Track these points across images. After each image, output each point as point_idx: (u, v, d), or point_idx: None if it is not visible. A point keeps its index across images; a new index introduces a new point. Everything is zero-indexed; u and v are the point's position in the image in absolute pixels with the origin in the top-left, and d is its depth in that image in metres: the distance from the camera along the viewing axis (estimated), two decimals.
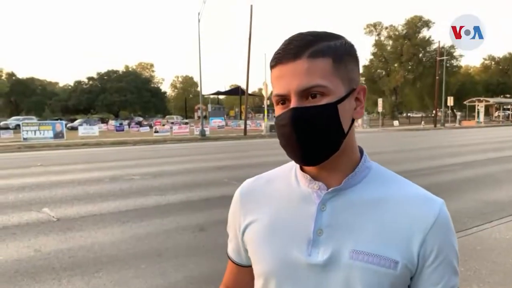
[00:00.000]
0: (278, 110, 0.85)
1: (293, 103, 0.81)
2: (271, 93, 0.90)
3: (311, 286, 0.86)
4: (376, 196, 0.87)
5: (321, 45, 0.81)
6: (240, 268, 1.04)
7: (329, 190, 0.86)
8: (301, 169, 0.93)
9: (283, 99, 0.84)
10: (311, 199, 0.88)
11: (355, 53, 0.87)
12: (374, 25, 63.05)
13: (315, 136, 0.81)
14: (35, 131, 25.18)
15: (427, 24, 59.90)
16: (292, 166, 0.97)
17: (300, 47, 0.81)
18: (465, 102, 53.41)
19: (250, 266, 0.99)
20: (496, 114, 59.50)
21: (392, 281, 0.82)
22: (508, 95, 69.54)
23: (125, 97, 68.80)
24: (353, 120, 0.87)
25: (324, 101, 0.80)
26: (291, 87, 0.81)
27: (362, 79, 64.27)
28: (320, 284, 0.85)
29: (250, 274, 0.99)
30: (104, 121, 55.27)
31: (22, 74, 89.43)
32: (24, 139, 24.44)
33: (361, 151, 0.93)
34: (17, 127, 34.35)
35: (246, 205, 0.98)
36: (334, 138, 0.83)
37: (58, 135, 25.74)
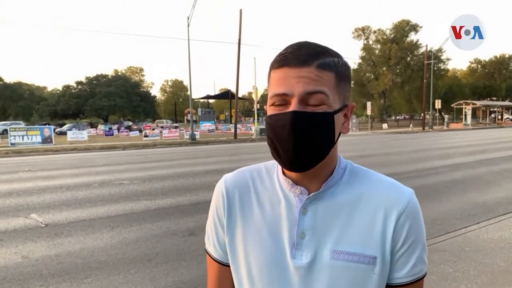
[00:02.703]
0: (273, 110, 0.85)
1: (293, 106, 0.81)
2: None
3: (297, 287, 0.89)
4: (352, 196, 0.91)
5: (328, 59, 0.84)
6: (223, 268, 1.01)
7: (310, 195, 0.90)
8: (283, 172, 0.94)
9: (282, 100, 0.83)
10: (293, 204, 0.91)
11: (350, 74, 0.92)
12: (363, 29, 63.66)
13: (309, 144, 0.82)
14: (23, 136, 24.89)
15: (414, 28, 60.57)
16: (273, 166, 0.99)
17: (310, 55, 0.83)
18: (452, 105, 53.99)
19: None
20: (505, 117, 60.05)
21: (372, 276, 0.87)
22: (494, 98, 70.47)
23: (114, 101, 68.33)
24: (339, 134, 0.89)
25: (321, 110, 0.82)
26: (296, 89, 0.81)
27: (351, 82, 64.61)
28: (305, 285, 0.88)
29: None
30: (93, 125, 54.83)
31: (9, 78, 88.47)
32: (11, 144, 24.13)
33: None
34: (4, 132, 33.96)
35: (230, 201, 0.98)
36: (325, 148, 0.85)
37: (46, 140, 25.47)
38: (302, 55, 0.82)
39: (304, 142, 0.82)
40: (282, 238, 0.90)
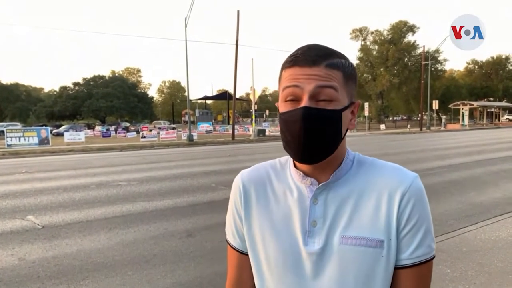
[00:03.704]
0: (286, 106, 0.91)
1: (304, 102, 0.87)
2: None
3: (310, 272, 0.95)
4: (359, 185, 0.96)
5: (336, 59, 0.91)
6: (241, 256, 1.08)
7: (319, 185, 0.96)
8: (295, 166, 1.01)
9: (294, 94, 0.89)
10: (304, 194, 0.98)
11: (356, 75, 0.97)
12: (360, 30, 63.76)
13: (319, 138, 0.88)
14: (19, 137, 24.81)
15: (412, 29, 60.72)
16: (286, 160, 1.07)
17: (319, 56, 0.89)
18: (450, 106, 54.19)
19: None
20: (505, 117, 60.19)
21: (380, 259, 0.91)
22: (491, 99, 70.70)
23: (111, 102, 68.21)
24: (346, 129, 0.96)
25: (331, 106, 0.88)
26: (307, 85, 0.87)
27: None
28: (318, 269, 0.94)
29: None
30: (90, 127, 54.76)
31: (5, 79, 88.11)
32: (8, 145, 24.05)
33: None
34: (1, 134, 33.82)
35: (247, 195, 1.05)
36: (333, 142, 0.91)
37: (43, 141, 25.40)
38: (312, 56, 0.89)
39: (313, 136, 0.88)
40: (295, 227, 0.97)
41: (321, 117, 0.87)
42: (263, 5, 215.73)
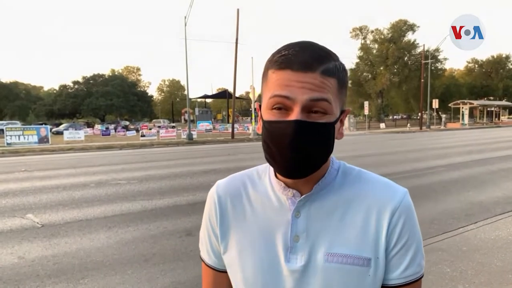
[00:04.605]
0: (273, 115, 0.82)
1: (296, 115, 0.78)
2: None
3: None
4: (345, 197, 0.90)
5: (331, 64, 0.81)
6: (217, 274, 1.01)
7: (302, 197, 0.89)
8: (275, 175, 0.93)
9: (282, 104, 0.80)
10: (286, 207, 0.90)
11: (348, 77, 0.89)
12: (360, 29, 63.69)
13: (309, 154, 0.81)
14: (19, 136, 24.80)
15: (412, 28, 60.65)
16: (265, 170, 0.98)
17: (315, 60, 0.80)
18: (450, 105, 54.13)
19: (225, 271, 1.00)
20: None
21: (367, 277, 0.86)
22: (491, 98, 70.69)
23: (111, 101, 68.20)
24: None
25: (324, 119, 0.81)
26: (299, 95, 0.78)
27: (349, 82, 64.80)
28: None
29: (228, 280, 0.99)
30: (90, 125, 54.76)
31: (5, 78, 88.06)
32: (7, 144, 24.05)
33: None
34: (0, 132, 33.80)
35: (223, 210, 0.97)
36: (324, 156, 0.85)
37: (42, 139, 25.39)
38: (306, 59, 0.79)
39: (303, 151, 0.80)
40: (276, 242, 0.90)
41: (313, 131, 0.79)
42: (263, 3, 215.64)
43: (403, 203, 0.88)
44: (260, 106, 0.88)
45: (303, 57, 0.79)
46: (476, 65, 76.04)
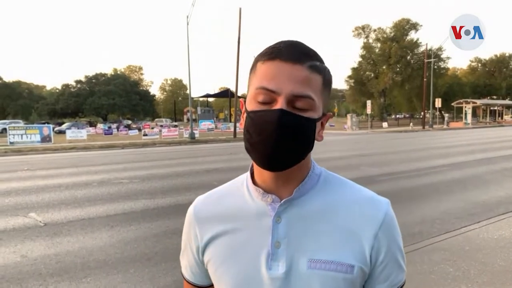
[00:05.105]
0: (257, 105, 0.83)
1: (280, 105, 0.79)
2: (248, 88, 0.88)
3: None
4: (327, 203, 0.89)
5: (318, 62, 0.84)
6: None
7: (282, 201, 0.87)
8: (253, 182, 0.93)
9: (269, 96, 0.81)
10: (266, 213, 0.89)
11: (332, 80, 0.90)
12: (363, 28, 63.58)
13: (291, 144, 0.81)
14: (21, 135, 24.85)
15: (414, 26, 60.54)
16: (243, 180, 0.97)
17: (303, 54, 0.82)
18: (452, 104, 53.96)
19: (208, 287, 1.01)
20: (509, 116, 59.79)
21: (350, 285, 0.85)
22: (494, 97, 70.48)
23: (113, 100, 68.24)
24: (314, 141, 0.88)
25: (307, 114, 0.82)
26: (284, 88, 0.80)
27: (351, 81, 64.82)
28: None
29: None
30: (92, 124, 54.76)
31: (8, 77, 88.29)
32: (10, 143, 24.09)
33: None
34: (3, 131, 33.93)
35: (202, 224, 0.97)
36: (304, 151, 0.85)
37: (45, 139, 25.43)
38: (296, 52, 0.82)
39: (285, 142, 0.80)
40: (257, 250, 0.88)
41: (296, 123, 0.80)
42: (266, 2, 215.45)
43: (386, 218, 0.88)
44: (245, 101, 0.88)
45: (293, 50, 0.82)
46: (479, 64, 75.86)
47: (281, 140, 0.80)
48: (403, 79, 58.81)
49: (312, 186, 0.90)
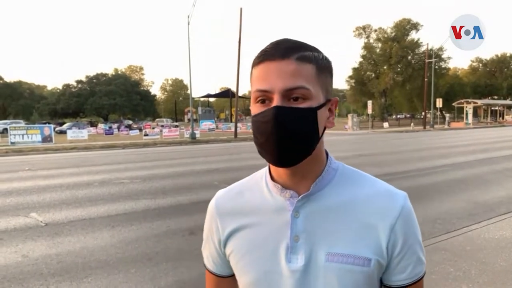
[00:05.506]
0: (258, 108, 0.86)
1: (276, 102, 0.82)
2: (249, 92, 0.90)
3: None
4: (344, 198, 0.91)
5: (307, 52, 0.85)
6: (219, 280, 1.06)
7: (300, 197, 0.90)
8: (272, 178, 0.95)
9: (264, 96, 0.84)
10: (285, 208, 0.92)
11: (332, 68, 0.92)
12: (363, 28, 63.59)
13: (293, 137, 0.83)
14: (23, 135, 24.88)
15: (415, 26, 60.50)
16: (262, 175, 1.00)
17: (289, 48, 0.84)
18: (453, 104, 53.93)
19: (229, 277, 1.04)
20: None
21: (367, 277, 0.88)
22: (495, 97, 70.40)
23: (114, 100, 68.26)
24: (324, 128, 0.90)
25: (305, 104, 0.83)
26: (276, 85, 0.82)
27: (352, 81, 64.81)
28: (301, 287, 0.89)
29: (230, 285, 1.05)
30: (93, 124, 54.81)
31: (9, 77, 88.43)
32: (11, 143, 24.13)
33: (326, 153, 0.96)
34: (4, 131, 33.93)
35: (223, 217, 1.00)
36: (310, 142, 0.86)
37: (46, 139, 25.46)
38: (282, 49, 0.84)
39: (287, 136, 0.82)
40: (276, 244, 0.91)
41: (294, 116, 0.82)
42: (267, 2, 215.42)
43: (403, 210, 0.89)
44: None
45: (279, 48, 0.84)
46: (480, 64, 75.77)
47: (282, 136, 0.82)
48: (404, 79, 58.78)
49: (329, 181, 0.92)
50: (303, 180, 0.91)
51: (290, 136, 0.82)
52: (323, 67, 0.87)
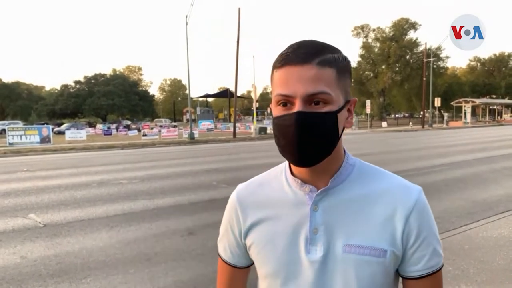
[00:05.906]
0: (279, 111, 0.89)
1: (298, 107, 0.85)
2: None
3: (312, 281, 0.93)
4: (361, 192, 0.95)
5: (328, 56, 0.88)
6: (234, 270, 1.10)
7: (319, 191, 0.94)
8: (291, 173, 0.99)
9: (286, 100, 0.87)
10: (304, 201, 0.96)
11: (350, 67, 0.96)
12: (362, 27, 63.64)
13: (315, 141, 0.87)
14: (21, 135, 24.83)
15: (413, 26, 60.56)
16: (282, 170, 1.04)
17: (310, 53, 0.86)
18: (452, 103, 54.01)
19: (244, 268, 1.10)
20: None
21: (383, 268, 0.91)
22: (494, 96, 70.51)
23: (112, 100, 68.23)
24: (343, 128, 0.94)
25: (326, 108, 0.87)
26: (298, 90, 0.85)
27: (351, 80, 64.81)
28: (320, 278, 0.93)
29: (244, 276, 1.11)
30: (91, 125, 54.79)
31: (7, 78, 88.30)
32: (9, 144, 24.08)
33: (344, 150, 1.00)
34: (2, 132, 33.90)
35: (244, 209, 1.04)
36: (330, 144, 0.90)
37: (44, 139, 25.42)
38: (302, 53, 0.86)
39: (308, 140, 0.86)
40: (296, 236, 0.95)
41: (315, 121, 0.85)
42: (265, 1, 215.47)
43: (417, 203, 0.93)
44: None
45: (300, 52, 0.87)
46: (479, 63, 75.90)
47: (303, 140, 0.86)
48: (403, 78, 58.84)
49: (346, 176, 0.96)
50: (322, 176, 0.94)
51: (311, 139, 0.86)
52: (343, 69, 0.90)
